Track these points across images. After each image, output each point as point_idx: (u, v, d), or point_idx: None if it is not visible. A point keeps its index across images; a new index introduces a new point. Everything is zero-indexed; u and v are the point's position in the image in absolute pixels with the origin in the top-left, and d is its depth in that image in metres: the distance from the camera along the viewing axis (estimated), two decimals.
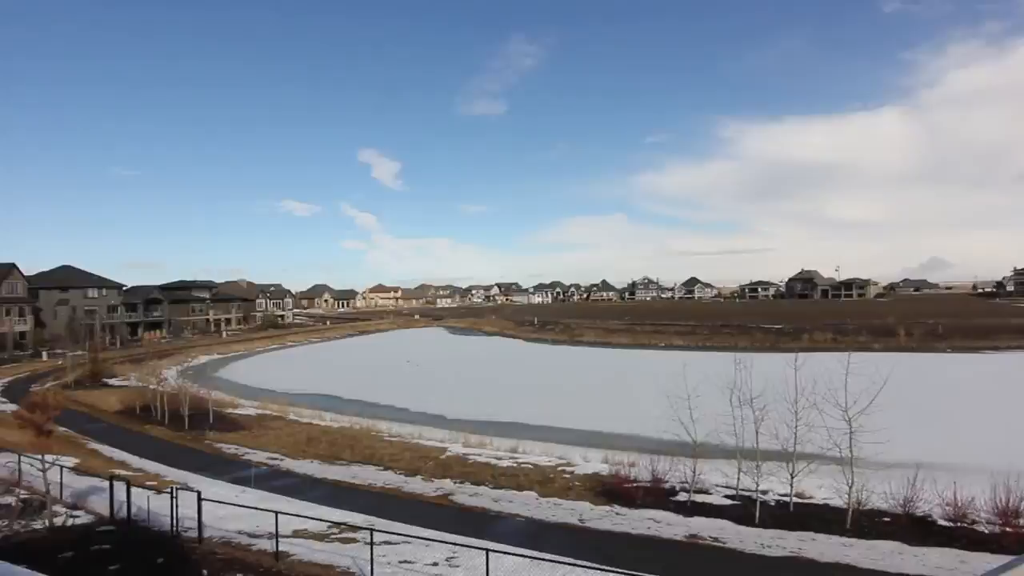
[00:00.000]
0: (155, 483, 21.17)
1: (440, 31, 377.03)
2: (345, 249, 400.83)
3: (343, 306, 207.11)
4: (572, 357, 70.91)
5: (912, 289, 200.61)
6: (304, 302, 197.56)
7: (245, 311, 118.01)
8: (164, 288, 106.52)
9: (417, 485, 22.76)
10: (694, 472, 20.27)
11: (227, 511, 17.41)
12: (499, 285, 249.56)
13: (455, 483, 22.67)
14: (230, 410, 38.12)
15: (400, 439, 29.91)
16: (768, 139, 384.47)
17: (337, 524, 16.99)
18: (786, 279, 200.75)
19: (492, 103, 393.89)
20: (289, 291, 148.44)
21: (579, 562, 13.93)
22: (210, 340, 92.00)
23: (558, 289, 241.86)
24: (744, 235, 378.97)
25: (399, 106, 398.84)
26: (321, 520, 17.05)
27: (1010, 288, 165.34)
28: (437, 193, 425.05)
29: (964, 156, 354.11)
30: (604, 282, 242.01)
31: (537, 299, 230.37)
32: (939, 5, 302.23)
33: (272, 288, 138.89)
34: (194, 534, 15.59)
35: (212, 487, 21.01)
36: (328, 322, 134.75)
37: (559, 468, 23.99)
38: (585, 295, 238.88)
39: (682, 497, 19.89)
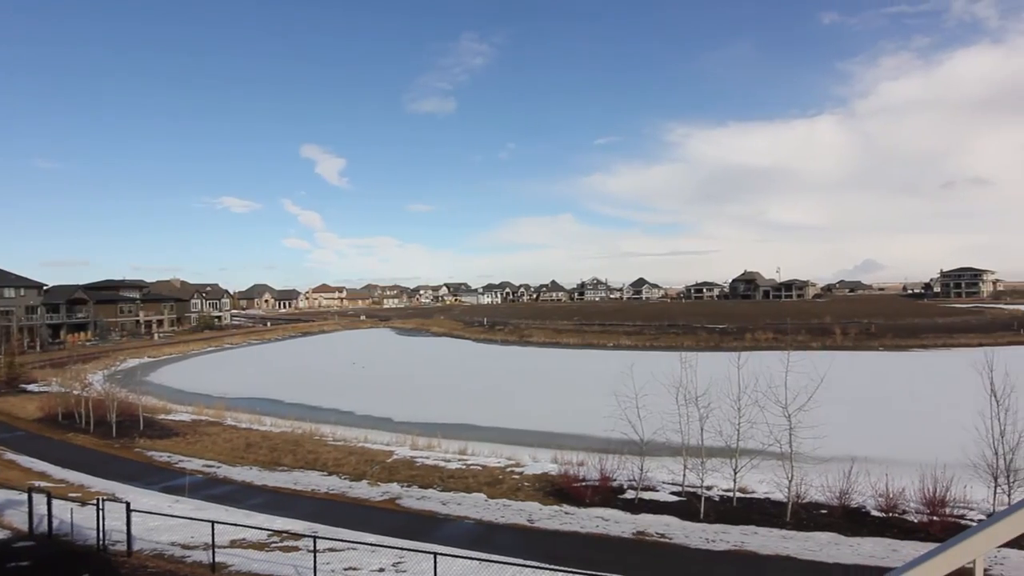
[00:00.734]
0: (79, 494, 19.88)
1: (389, 27, 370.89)
2: (287, 248, 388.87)
3: (285, 307, 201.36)
4: (521, 358, 71.02)
5: (847, 290, 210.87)
6: (243, 303, 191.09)
7: (179, 312, 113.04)
8: (89, 288, 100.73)
9: (363, 490, 22.20)
10: (641, 470, 20.53)
11: (159, 522, 16.51)
12: (448, 285, 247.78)
13: (402, 487, 22.24)
14: (162, 416, 36.31)
15: (345, 443, 29.15)
16: (713, 144, 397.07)
17: (278, 532, 16.36)
18: (730, 280, 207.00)
19: (441, 101, 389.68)
20: (227, 291, 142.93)
21: (528, 562, 13.84)
22: (140, 342, 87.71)
23: (508, 290, 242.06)
24: (690, 237, 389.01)
25: (344, 102, 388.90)
26: (261, 529, 16.38)
27: (937, 289, 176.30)
28: (384, 191, 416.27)
29: (895, 164, 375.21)
30: (554, 282, 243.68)
31: (486, 300, 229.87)
32: (872, 19, 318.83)
33: (208, 288, 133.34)
34: (123, 547, 14.70)
35: (143, 497, 19.92)
36: (268, 323, 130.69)
37: (508, 469, 23.87)
38: (535, 296, 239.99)
39: (630, 495, 20.09)
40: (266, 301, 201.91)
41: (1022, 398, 17.34)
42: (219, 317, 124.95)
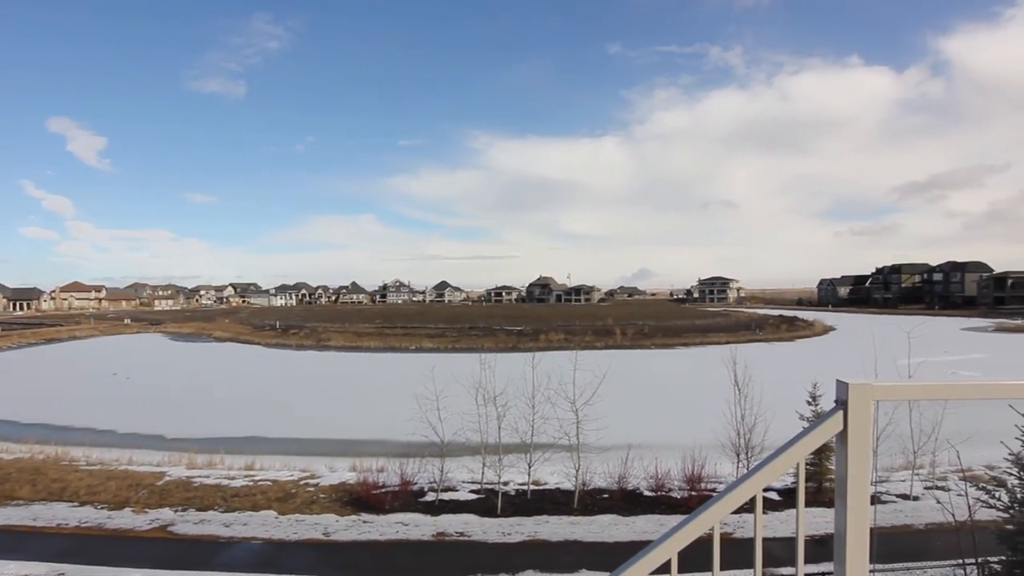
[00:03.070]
0: None
1: None
2: (26, 238, 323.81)
3: (22, 308, 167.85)
4: (318, 363, 67.63)
5: (626, 295, 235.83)
6: None
7: None
8: None
9: (126, 519, 19.34)
10: (442, 471, 20.80)
11: None
12: (234, 286, 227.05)
13: (176, 511, 19.80)
14: None
15: (102, 467, 25.09)
16: (513, 154, 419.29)
17: None
18: (527, 284, 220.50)
19: (229, 83, 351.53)
20: None
21: None
22: None
23: (304, 291, 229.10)
24: (492, 242, 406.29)
25: (105, 70, 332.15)
26: None
27: (696, 295, 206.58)
28: (157, 178, 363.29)
29: (665, 184, 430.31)
30: (354, 284, 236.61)
31: (279, 301, 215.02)
32: (649, 54, 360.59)
33: None
34: None
35: None
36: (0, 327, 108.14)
37: (302, 481, 22.53)
38: (334, 297, 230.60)
39: (431, 497, 20.20)
40: None
41: (757, 387, 20.95)
42: None
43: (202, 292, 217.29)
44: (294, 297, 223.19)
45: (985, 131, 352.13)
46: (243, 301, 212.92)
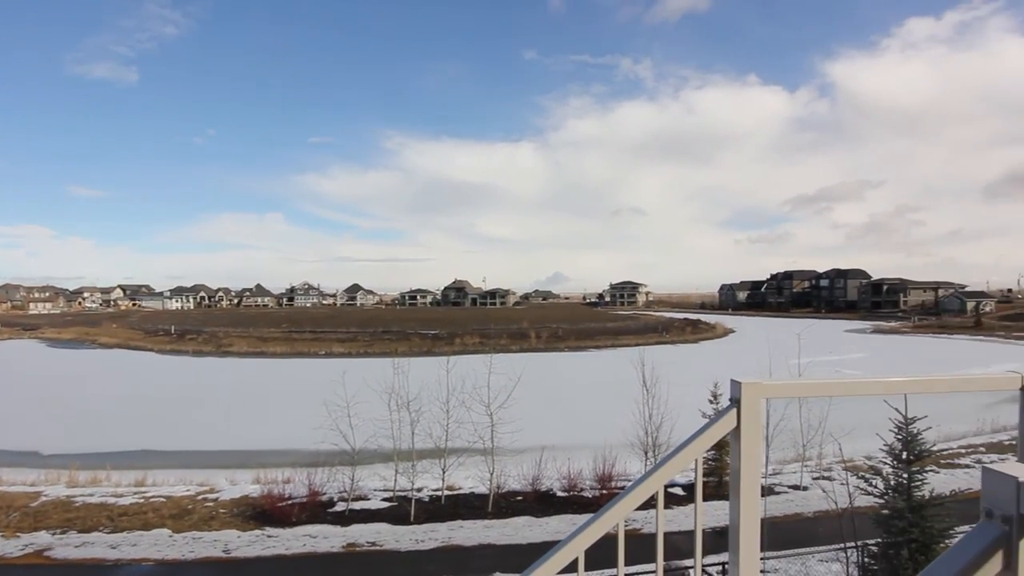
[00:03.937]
0: None
1: None
2: None
3: None
4: (218, 370, 64.00)
5: (541, 298, 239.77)
6: None
7: None
8: None
9: None
10: (352, 480, 20.24)
11: None
12: (123, 288, 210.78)
13: (54, 534, 18.10)
14: None
15: None
16: (429, 155, 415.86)
17: None
18: (442, 287, 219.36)
19: (120, 69, 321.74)
20: None
21: None
22: None
23: (203, 294, 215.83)
24: (406, 244, 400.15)
25: None
26: None
27: (608, 299, 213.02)
28: (34, 169, 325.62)
29: (578, 190, 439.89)
30: (259, 287, 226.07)
31: (175, 305, 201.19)
32: (563, 62, 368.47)
33: None
34: None
35: None
36: None
37: (200, 497, 21.22)
38: (236, 301, 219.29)
39: (341, 507, 19.62)
40: None
41: (664, 387, 21.85)
42: None
43: (86, 294, 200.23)
44: (192, 300, 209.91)
45: (864, 149, 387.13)
46: (134, 304, 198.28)
